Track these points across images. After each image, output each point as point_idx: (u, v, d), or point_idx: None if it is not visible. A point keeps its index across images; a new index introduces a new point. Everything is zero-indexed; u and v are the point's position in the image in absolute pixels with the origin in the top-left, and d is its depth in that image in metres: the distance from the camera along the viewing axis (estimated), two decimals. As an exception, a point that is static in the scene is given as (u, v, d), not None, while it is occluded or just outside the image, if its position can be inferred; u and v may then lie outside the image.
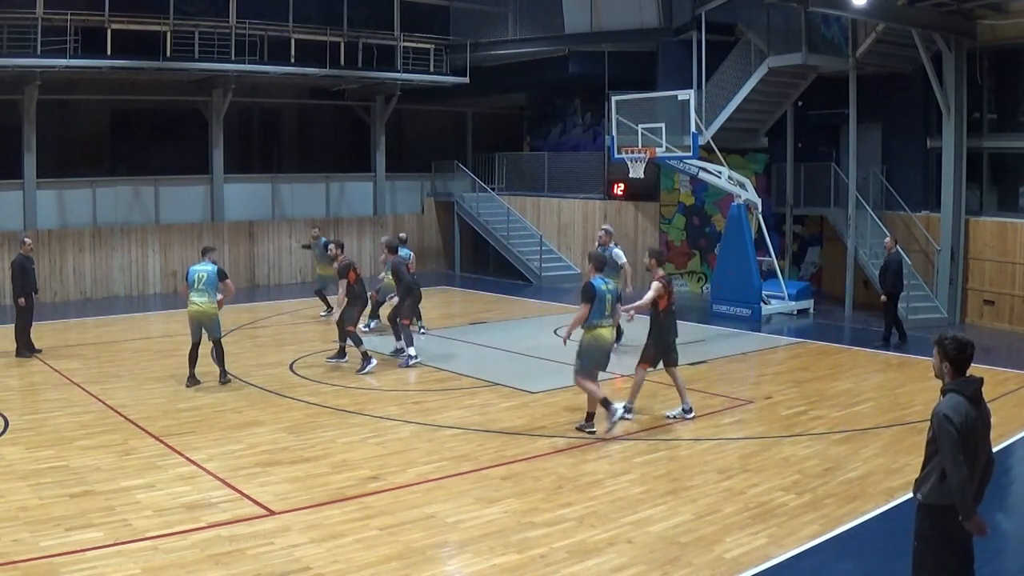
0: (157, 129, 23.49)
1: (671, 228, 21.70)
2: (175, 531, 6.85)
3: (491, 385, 11.92)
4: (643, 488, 8.01)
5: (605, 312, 9.40)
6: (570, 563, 6.42)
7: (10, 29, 17.98)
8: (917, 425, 9.70)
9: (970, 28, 16.59)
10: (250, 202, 23.38)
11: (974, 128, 17.18)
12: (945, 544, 4.74)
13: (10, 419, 9.98)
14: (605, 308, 9.39)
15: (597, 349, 9.43)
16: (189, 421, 10.06)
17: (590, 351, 9.42)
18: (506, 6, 24.56)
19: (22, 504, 7.38)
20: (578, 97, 24.58)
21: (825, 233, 21.09)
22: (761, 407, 10.93)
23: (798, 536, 6.92)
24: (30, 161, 19.67)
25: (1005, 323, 16.70)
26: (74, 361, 13.33)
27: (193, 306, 11.58)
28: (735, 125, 19.59)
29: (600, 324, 9.38)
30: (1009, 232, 16.77)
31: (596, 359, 9.48)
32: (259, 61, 21.08)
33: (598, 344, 9.41)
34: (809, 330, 16.67)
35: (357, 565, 6.34)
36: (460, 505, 7.56)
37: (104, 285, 20.57)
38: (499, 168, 25.95)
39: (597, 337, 9.40)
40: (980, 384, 4.79)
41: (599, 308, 9.35)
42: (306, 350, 14.11)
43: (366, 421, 10.19)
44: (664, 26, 21.57)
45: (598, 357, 9.48)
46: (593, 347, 9.41)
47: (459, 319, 17.12)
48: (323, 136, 26.78)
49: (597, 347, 9.42)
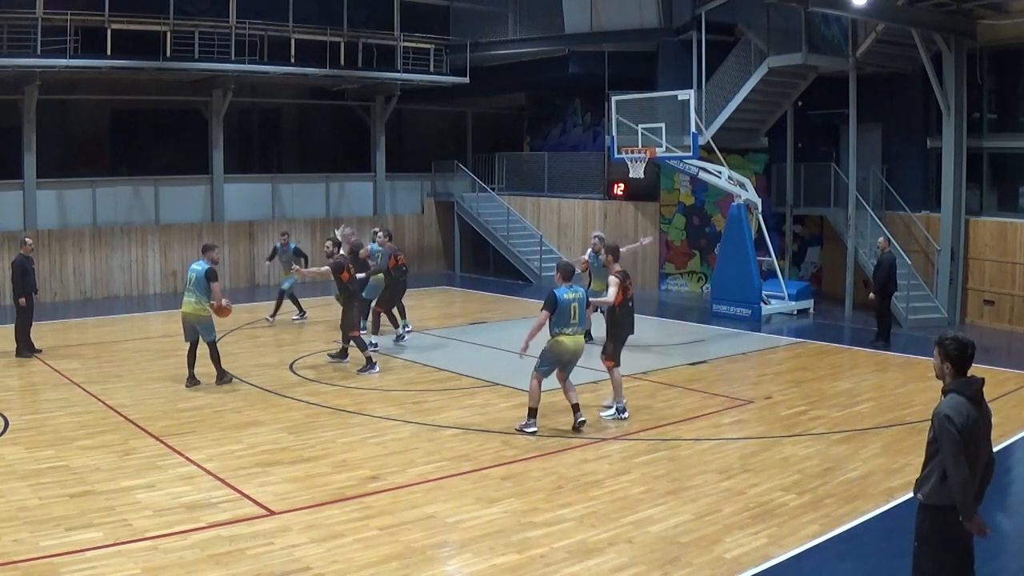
0: (157, 129, 23.47)
1: (671, 228, 21.70)
2: (175, 531, 6.85)
3: (491, 385, 11.92)
4: (643, 488, 8.01)
5: (570, 320, 9.45)
6: (570, 563, 6.42)
7: (10, 29, 17.97)
8: (917, 425, 9.71)
9: (970, 28, 16.59)
10: (250, 202, 23.37)
11: (974, 128, 17.18)
12: (946, 544, 4.74)
13: (10, 419, 9.98)
14: (569, 317, 9.45)
15: (556, 355, 9.55)
16: (189, 421, 10.06)
17: (548, 355, 9.57)
18: (506, 6, 24.56)
19: (22, 504, 7.38)
20: (578, 97, 24.59)
21: (825, 233, 21.09)
22: (761, 407, 10.93)
23: (798, 536, 6.93)
24: (30, 161, 19.66)
25: (1005, 323, 16.70)
26: (74, 361, 13.33)
27: (183, 307, 11.61)
28: (735, 125, 19.58)
29: (562, 332, 9.46)
30: (1009, 232, 16.77)
31: (553, 363, 9.60)
32: (259, 61, 21.08)
33: (557, 351, 9.52)
34: (809, 330, 16.67)
35: (357, 565, 6.34)
36: (460, 505, 7.56)
37: (104, 285, 20.57)
38: (499, 168, 25.94)
39: (557, 344, 9.50)
40: (981, 384, 4.79)
41: (561, 317, 9.42)
42: (306, 350, 14.11)
43: (366, 421, 10.19)
44: (664, 26, 21.57)
45: (555, 362, 9.60)
46: (552, 353, 9.55)
47: (459, 319, 17.12)
48: (323, 136, 26.78)
49: (556, 353, 9.54)
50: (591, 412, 10.13)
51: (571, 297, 9.45)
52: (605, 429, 9.85)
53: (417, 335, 15.14)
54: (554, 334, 9.48)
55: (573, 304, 9.44)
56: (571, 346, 9.50)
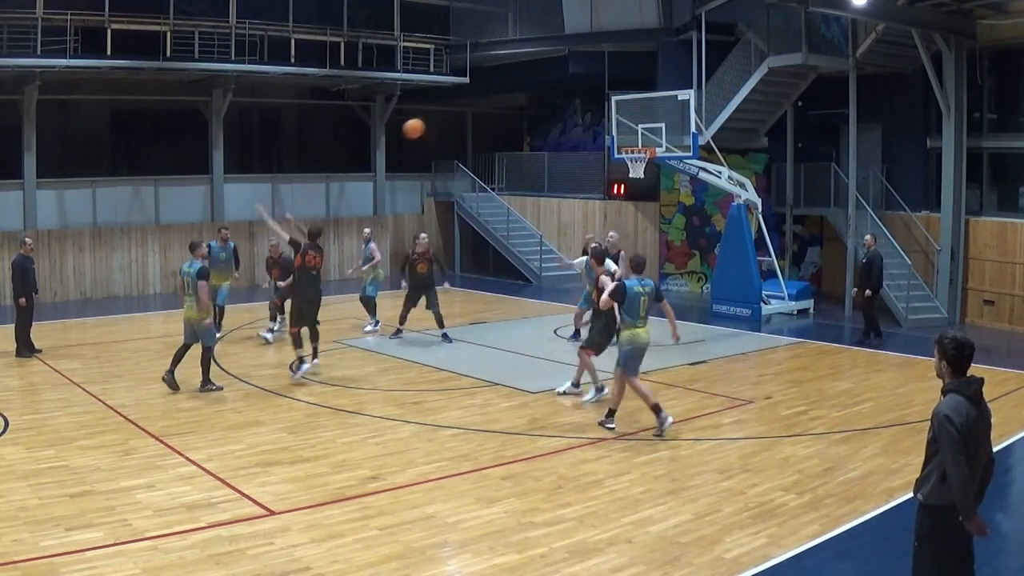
0: (157, 129, 23.47)
1: (671, 228, 21.70)
2: (175, 531, 6.85)
3: (491, 385, 11.91)
4: (643, 488, 8.01)
5: (639, 313, 9.54)
6: (570, 563, 6.42)
7: (10, 29, 17.97)
8: (917, 425, 9.71)
9: (970, 28, 16.59)
10: (250, 202, 23.17)
11: (974, 128, 17.18)
12: (946, 544, 4.74)
13: (10, 419, 9.98)
14: (639, 309, 9.54)
15: (638, 348, 9.59)
16: (189, 421, 10.05)
17: (630, 350, 9.60)
18: (506, 6, 24.57)
19: (22, 504, 7.37)
20: (578, 97, 24.59)
21: (825, 233, 21.09)
22: (761, 407, 10.92)
23: (798, 536, 6.92)
24: (30, 161, 19.66)
25: (1005, 323, 16.70)
26: (74, 361, 13.33)
27: (185, 311, 11.41)
28: (735, 125, 19.58)
29: (635, 325, 9.55)
30: (1009, 232, 16.77)
31: (637, 356, 9.62)
32: (259, 61, 21.08)
33: (637, 344, 9.57)
34: (809, 330, 16.67)
35: (357, 565, 6.34)
36: (460, 505, 7.56)
37: (104, 285, 20.57)
38: (499, 168, 25.94)
39: (635, 337, 9.57)
40: (981, 384, 4.79)
41: (631, 309, 9.53)
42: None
43: (366, 421, 10.19)
44: (664, 26, 21.57)
45: (639, 355, 9.63)
46: (633, 346, 9.58)
47: (459, 319, 17.11)
48: (323, 136, 26.78)
49: (636, 347, 9.58)
50: (587, 414, 10.12)
51: (640, 290, 9.58)
52: (605, 429, 9.84)
53: (417, 335, 15.13)
54: (628, 327, 9.57)
55: (643, 297, 9.57)
56: (646, 337, 9.60)
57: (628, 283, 9.68)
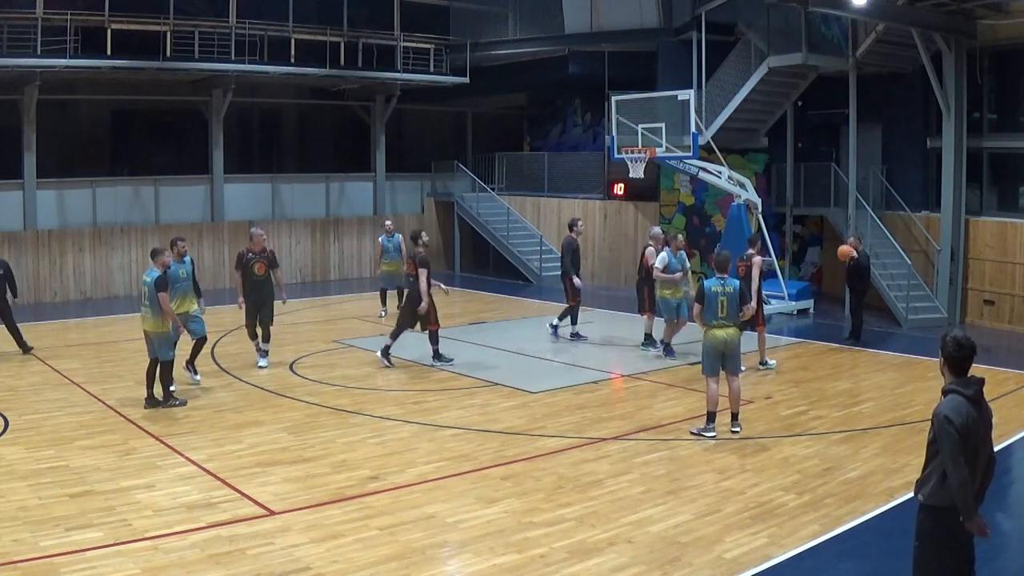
0: (157, 129, 23.47)
1: (671, 228, 21.62)
2: (175, 531, 6.85)
3: (491, 385, 11.91)
4: (643, 488, 8.01)
5: (718, 313, 9.45)
6: (570, 563, 6.42)
7: (10, 29, 17.96)
8: (917, 425, 9.71)
9: (970, 28, 16.58)
10: (250, 202, 23.37)
11: (974, 128, 17.16)
12: (946, 545, 4.74)
13: (10, 419, 9.98)
14: (717, 309, 9.44)
15: (709, 348, 9.53)
16: (189, 421, 10.05)
17: (704, 350, 9.59)
18: (506, 6, 24.56)
19: (22, 504, 7.38)
20: (578, 97, 24.58)
21: (825, 233, 21.09)
22: (761, 407, 10.92)
23: (798, 536, 6.92)
24: (30, 161, 19.66)
25: (1005, 323, 16.69)
26: (74, 361, 13.33)
27: (142, 323, 10.56)
28: (735, 125, 19.57)
29: (712, 325, 9.47)
30: (1009, 232, 16.76)
31: (710, 356, 9.54)
32: (259, 61, 21.07)
33: (708, 344, 9.52)
34: (809, 330, 16.66)
35: (357, 565, 6.34)
36: (460, 505, 7.56)
37: (104, 285, 20.56)
38: (499, 168, 25.92)
39: (707, 337, 9.53)
40: (981, 384, 4.79)
41: (709, 309, 9.47)
42: (306, 350, 14.11)
43: (366, 421, 10.19)
44: (664, 26, 21.56)
45: (711, 355, 9.54)
46: (705, 347, 9.57)
47: (459, 319, 17.10)
48: (323, 136, 26.77)
49: (708, 347, 9.53)
50: (586, 414, 10.10)
51: (718, 290, 9.49)
52: (605, 429, 9.84)
53: (417, 335, 15.10)
54: (706, 326, 9.53)
55: (721, 297, 9.46)
56: (721, 336, 9.46)
57: (706, 283, 9.59)
